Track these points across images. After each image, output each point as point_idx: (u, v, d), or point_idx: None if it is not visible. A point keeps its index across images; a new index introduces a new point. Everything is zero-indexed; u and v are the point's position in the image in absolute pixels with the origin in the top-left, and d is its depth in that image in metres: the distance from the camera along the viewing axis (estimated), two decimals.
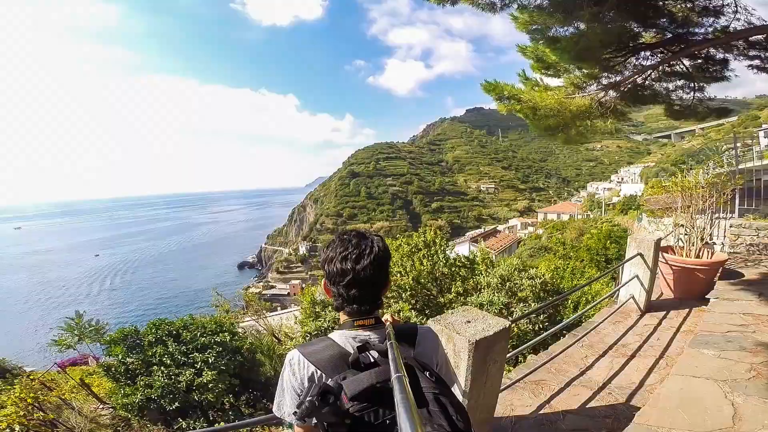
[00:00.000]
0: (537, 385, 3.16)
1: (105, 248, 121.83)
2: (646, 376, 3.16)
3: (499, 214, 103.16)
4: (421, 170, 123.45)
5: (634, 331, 4.11)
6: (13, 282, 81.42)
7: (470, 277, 8.66)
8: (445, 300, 8.39)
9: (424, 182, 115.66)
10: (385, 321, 1.27)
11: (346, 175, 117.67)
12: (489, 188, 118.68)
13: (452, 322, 2.18)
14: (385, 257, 1.22)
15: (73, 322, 16.40)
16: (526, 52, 5.42)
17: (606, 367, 3.39)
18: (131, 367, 7.01)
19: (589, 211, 56.94)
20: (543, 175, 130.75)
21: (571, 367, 3.41)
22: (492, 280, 7.63)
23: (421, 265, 8.48)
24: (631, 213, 34.51)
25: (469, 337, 1.98)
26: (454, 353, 2.07)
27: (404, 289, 7.85)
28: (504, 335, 2.13)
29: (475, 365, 2.02)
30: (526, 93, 5.51)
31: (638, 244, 4.68)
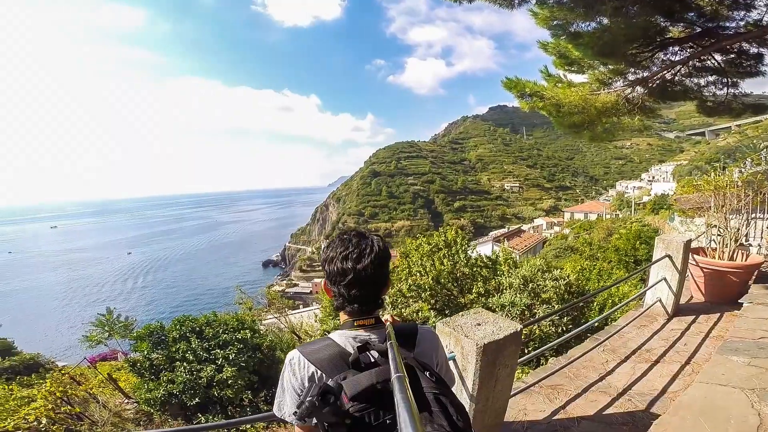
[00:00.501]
0: (553, 389, 3.09)
1: (136, 246, 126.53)
2: (670, 383, 3.05)
3: (524, 213, 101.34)
4: (443, 169, 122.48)
5: (659, 336, 3.96)
6: (50, 279, 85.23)
7: (492, 277, 8.55)
8: (465, 300, 8.31)
9: (446, 181, 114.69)
10: (385, 321, 1.27)
11: (367, 174, 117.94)
12: (513, 187, 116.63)
13: (462, 324, 2.15)
14: (386, 257, 1.22)
15: (104, 318, 16.93)
16: (548, 48, 5.32)
17: (627, 372, 3.28)
18: (155, 363, 7.17)
19: (618, 211, 55.21)
20: (570, 173, 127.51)
21: (591, 372, 3.32)
22: (514, 281, 7.51)
23: (441, 264, 8.43)
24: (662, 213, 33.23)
25: (478, 341, 1.95)
26: (462, 356, 2.04)
27: (424, 289, 7.83)
28: (515, 339, 2.09)
29: (483, 369, 1.98)
30: (548, 90, 5.40)
31: (666, 245, 4.50)
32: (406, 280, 8.15)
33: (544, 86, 5.44)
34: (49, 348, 21.96)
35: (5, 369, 11.05)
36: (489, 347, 1.95)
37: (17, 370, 11.18)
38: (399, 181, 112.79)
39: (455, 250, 8.84)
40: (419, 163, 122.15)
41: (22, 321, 52.08)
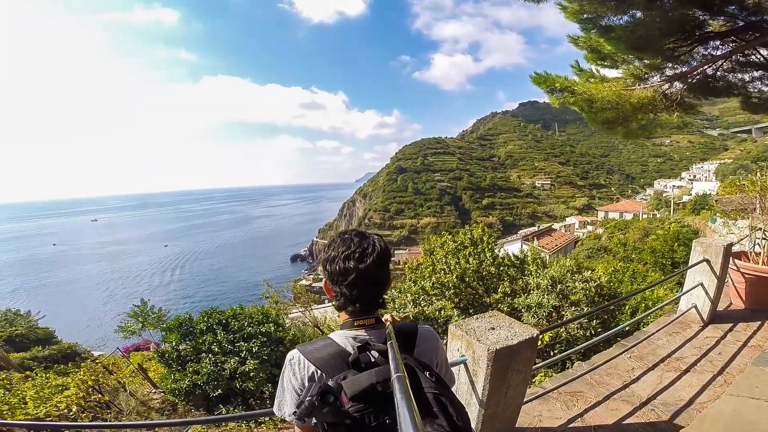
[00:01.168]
0: (572, 396, 2.99)
1: (172, 239, 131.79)
2: (698, 394, 2.90)
3: (556, 211, 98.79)
4: (471, 165, 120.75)
5: (692, 344, 3.78)
6: (91, 271, 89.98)
7: (519, 277, 8.40)
8: (491, 300, 8.20)
9: (474, 178, 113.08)
10: (385, 321, 1.26)
11: (393, 170, 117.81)
12: (544, 184, 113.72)
13: (475, 327, 2.10)
14: (387, 257, 1.22)
15: (138, 309, 17.43)
16: (578, 42, 5.14)
17: (653, 381, 3.15)
18: (183, 354, 7.35)
19: (655, 211, 52.92)
20: (604, 171, 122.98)
21: (614, 379, 3.21)
22: (542, 282, 7.34)
23: (466, 263, 8.35)
24: (703, 213, 31.56)
25: (489, 346, 1.89)
26: (474, 361, 2.00)
27: (447, 287, 7.78)
28: (530, 345, 2.03)
29: (494, 374, 1.94)
30: (580, 85, 5.23)
31: (705, 249, 4.28)
32: (430, 278, 8.13)
33: (575, 81, 5.27)
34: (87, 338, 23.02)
35: (45, 357, 11.54)
36: (501, 353, 1.90)
37: (56, 358, 11.69)
38: (425, 177, 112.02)
39: (481, 248, 8.73)
40: (446, 160, 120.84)
41: (63, 311, 54.62)
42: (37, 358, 11.27)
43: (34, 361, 10.72)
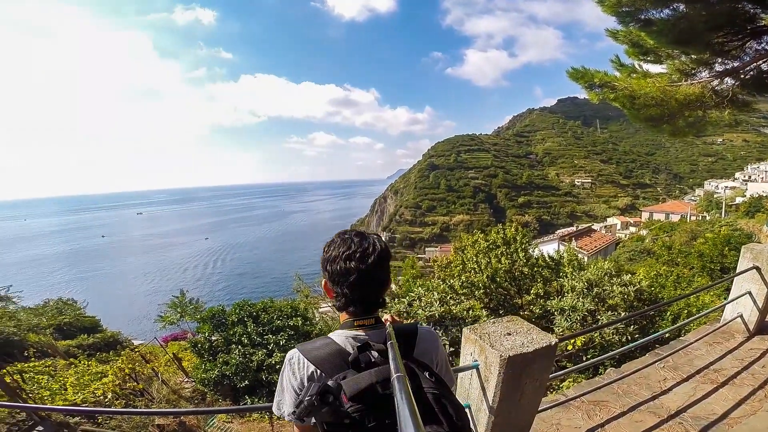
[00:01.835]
0: (595, 405, 2.88)
1: (212, 232, 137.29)
2: (733, 408, 2.73)
3: (596, 211, 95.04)
4: (506, 163, 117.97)
5: (734, 356, 3.55)
6: (136, 262, 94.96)
7: (554, 279, 8.17)
8: (522, 302, 8.04)
9: (510, 175, 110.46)
10: (385, 321, 1.26)
11: (425, 167, 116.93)
12: (585, 183, 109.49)
13: (490, 332, 2.04)
14: (387, 256, 1.22)
15: (177, 300, 18.08)
16: (618, 36, 4.91)
17: (686, 393, 2.99)
18: (215, 345, 7.61)
19: (705, 212, 49.73)
20: (650, 170, 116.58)
21: (643, 389, 3.07)
22: (577, 284, 7.12)
23: (498, 263, 8.21)
24: (758, 216, 29.35)
25: (503, 352, 1.84)
26: (485, 366, 1.96)
27: (477, 287, 7.69)
28: (547, 353, 1.95)
29: (506, 382, 1.88)
30: (621, 80, 5.00)
31: (755, 255, 3.99)
32: (459, 277, 8.06)
33: (615, 77, 5.04)
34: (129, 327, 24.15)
35: (89, 345, 11.97)
36: (515, 360, 1.84)
37: (99, 346, 12.12)
38: (459, 174, 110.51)
39: (514, 248, 8.56)
40: (481, 157, 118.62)
41: (110, 300, 57.47)
42: (82, 345, 11.75)
43: (79, 349, 11.26)
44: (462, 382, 2.20)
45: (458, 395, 2.19)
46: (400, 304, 5.50)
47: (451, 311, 5.21)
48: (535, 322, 6.96)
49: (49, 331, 11.85)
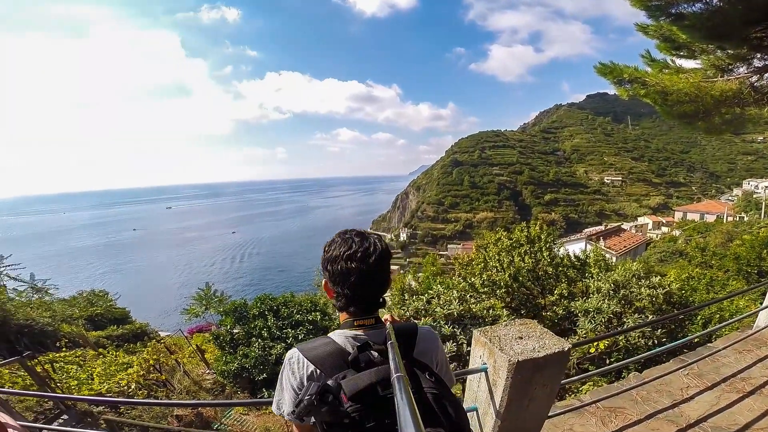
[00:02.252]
0: (611, 412, 2.80)
1: (239, 226, 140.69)
2: (758, 419, 2.60)
3: (626, 210, 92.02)
4: (532, 159, 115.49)
5: (764, 364, 3.39)
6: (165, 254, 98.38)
7: (579, 279, 7.99)
8: (545, 302, 7.91)
9: (536, 172, 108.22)
10: (384, 320, 1.25)
11: (448, 163, 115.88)
12: (615, 181, 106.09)
13: (500, 335, 2.01)
14: (388, 256, 1.21)
15: (203, 293, 18.42)
16: (648, 31, 4.72)
17: (709, 402, 2.86)
18: (236, 337, 7.73)
19: (743, 213, 47.31)
20: (684, 168, 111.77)
21: (663, 396, 2.96)
22: (603, 286, 6.94)
23: (521, 261, 8.08)
24: None
25: (511, 357, 1.80)
26: (494, 370, 1.93)
27: (499, 286, 7.61)
28: (559, 359, 1.90)
29: (514, 387, 1.85)
30: (652, 76, 4.80)
31: None
32: (480, 275, 7.99)
33: (646, 72, 4.84)
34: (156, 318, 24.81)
35: (118, 336, 12.21)
36: (524, 365, 1.80)
37: (127, 337, 12.37)
38: (483, 170, 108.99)
39: (538, 246, 8.41)
40: (506, 153, 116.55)
41: (139, 292, 59.55)
42: (111, 336, 12.00)
43: (108, 340, 11.52)
44: (470, 385, 2.18)
45: (466, 397, 2.18)
46: (418, 302, 5.50)
47: (470, 310, 5.17)
48: (558, 323, 6.85)
49: (81, 322, 12.23)
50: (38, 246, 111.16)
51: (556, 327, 6.74)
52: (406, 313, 5.33)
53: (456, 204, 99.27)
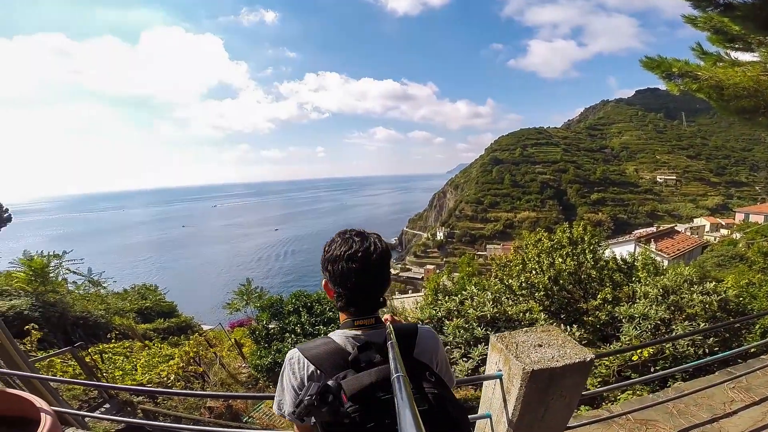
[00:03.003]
0: (641, 425, 2.64)
1: (282, 224, 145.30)
2: None
3: (681, 211, 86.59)
4: (578, 157, 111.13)
5: None
6: (212, 250, 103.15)
7: (625, 283, 7.64)
8: (588, 306, 7.61)
9: (581, 170, 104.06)
10: (384, 320, 1.25)
11: (488, 161, 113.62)
12: (668, 180, 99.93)
13: (518, 342, 1.93)
14: (388, 257, 1.22)
15: (244, 288, 18.90)
16: (697, 23, 4.44)
17: (753, 418, 2.64)
18: (271, 332, 7.88)
19: None
20: (746, 167, 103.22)
21: (702, 410, 2.77)
22: (651, 291, 6.62)
23: (562, 263, 7.83)
24: None
25: (526, 365, 1.74)
26: (508, 377, 1.86)
27: (537, 289, 7.41)
28: (580, 369, 1.80)
29: (528, 396, 1.77)
30: (705, 69, 4.52)
31: None
32: (518, 277, 7.81)
33: (698, 65, 4.56)
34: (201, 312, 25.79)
35: (164, 329, 12.62)
36: (539, 374, 1.73)
37: (172, 330, 12.82)
38: (524, 168, 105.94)
39: (581, 248, 8.11)
40: (549, 151, 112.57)
41: (187, 286, 62.46)
42: (158, 329, 12.43)
43: (155, 332, 12.00)
44: (486, 391, 2.14)
45: (481, 404, 2.16)
46: (450, 302, 5.47)
47: (506, 312, 5.09)
48: (600, 328, 6.59)
49: (132, 314, 12.82)
50: (98, 241, 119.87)
51: (598, 333, 6.50)
52: (438, 313, 5.31)
53: (496, 203, 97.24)
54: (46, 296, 9.22)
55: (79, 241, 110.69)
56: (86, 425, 3.74)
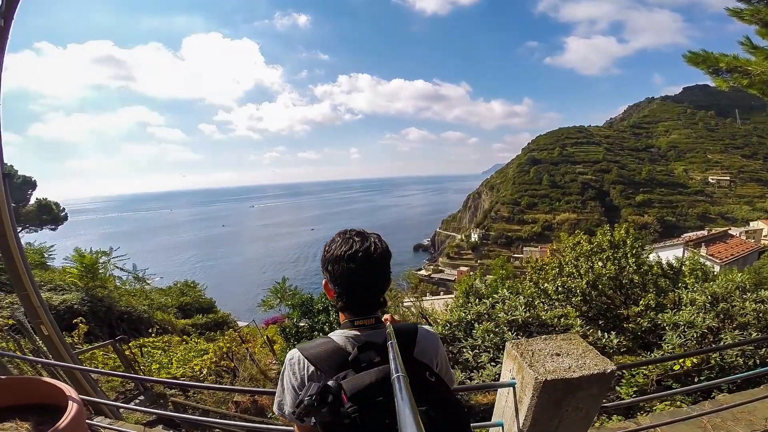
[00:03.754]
0: None
1: (317, 224, 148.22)
2: None
3: (735, 213, 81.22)
4: (622, 157, 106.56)
5: None
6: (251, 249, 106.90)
7: (670, 289, 7.29)
8: (629, 312, 7.31)
9: (625, 170, 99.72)
10: (384, 320, 1.24)
11: (525, 161, 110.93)
12: (721, 181, 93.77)
13: (534, 350, 1.85)
14: (388, 257, 1.22)
15: (278, 286, 19.06)
16: (743, 15, 4.17)
17: None
18: (301, 330, 8.00)
19: None
20: None
21: (741, 426, 2.56)
22: (699, 298, 6.27)
23: (602, 268, 7.57)
24: None
25: (539, 375, 1.66)
26: (521, 386, 1.79)
27: (575, 294, 7.20)
28: (599, 381, 1.71)
29: (541, 407, 1.70)
30: (756, 64, 4.24)
31: None
32: (554, 281, 7.62)
33: (748, 60, 4.28)
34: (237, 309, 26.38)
35: (201, 325, 12.98)
36: (553, 385, 1.65)
37: (209, 326, 13.15)
38: (564, 169, 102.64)
39: (622, 252, 7.81)
40: (590, 150, 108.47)
41: (226, 284, 64.64)
42: (196, 324, 12.80)
43: (193, 327, 12.40)
44: (499, 398, 2.09)
45: (495, 411, 2.12)
46: (481, 306, 5.42)
47: (539, 317, 4.99)
48: (642, 336, 6.33)
49: (173, 310, 13.32)
50: (145, 239, 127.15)
51: (639, 340, 6.24)
52: (467, 316, 5.28)
53: (534, 204, 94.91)
54: (94, 291, 9.72)
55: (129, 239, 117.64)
56: (120, 415, 3.92)
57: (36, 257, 11.62)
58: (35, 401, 1.97)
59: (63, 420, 1.69)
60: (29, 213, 20.15)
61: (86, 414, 3.16)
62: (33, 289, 3.34)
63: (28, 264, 3.37)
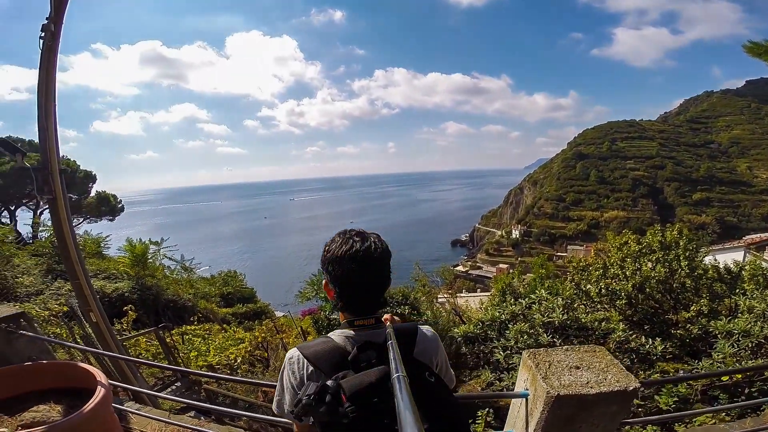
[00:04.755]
0: None
1: (355, 217, 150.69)
2: None
3: None
4: (677, 153, 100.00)
5: None
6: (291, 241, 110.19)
7: (727, 295, 6.76)
8: (678, 318, 6.85)
9: (681, 167, 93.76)
10: (384, 320, 1.23)
11: (571, 156, 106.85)
12: None
13: (552, 361, 1.73)
14: (388, 257, 1.21)
15: (315, 278, 19.98)
16: None
17: None
18: (332, 323, 8.14)
19: None
20: None
21: None
22: (758, 305, 5.78)
23: (652, 270, 7.13)
24: None
25: (552, 389, 1.56)
26: (533, 398, 1.69)
27: (619, 297, 6.82)
28: (619, 399, 1.57)
29: (552, 423, 1.59)
30: None
31: None
32: (597, 282, 7.27)
33: None
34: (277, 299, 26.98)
35: (241, 314, 13.29)
36: (567, 400, 1.55)
37: (249, 315, 13.42)
38: (613, 164, 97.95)
39: (674, 254, 7.31)
40: (642, 145, 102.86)
41: (267, 274, 67.02)
42: (236, 314, 13.18)
43: (234, 317, 12.77)
44: (512, 408, 2.01)
45: (507, 421, 2.06)
46: (516, 306, 5.26)
47: (578, 319, 4.77)
48: (690, 343, 5.92)
49: (216, 299, 13.76)
50: (195, 230, 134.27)
51: (687, 348, 5.84)
52: (502, 316, 5.14)
53: (579, 201, 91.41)
54: (144, 280, 10.23)
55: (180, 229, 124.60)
56: (156, 402, 4.14)
57: (93, 246, 12.29)
58: (71, 385, 2.11)
59: (89, 404, 1.79)
60: (89, 205, 21.56)
61: (120, 398, 3.36)
62: (84, 277, 3.61)
63: (80, 254, 3.65)
